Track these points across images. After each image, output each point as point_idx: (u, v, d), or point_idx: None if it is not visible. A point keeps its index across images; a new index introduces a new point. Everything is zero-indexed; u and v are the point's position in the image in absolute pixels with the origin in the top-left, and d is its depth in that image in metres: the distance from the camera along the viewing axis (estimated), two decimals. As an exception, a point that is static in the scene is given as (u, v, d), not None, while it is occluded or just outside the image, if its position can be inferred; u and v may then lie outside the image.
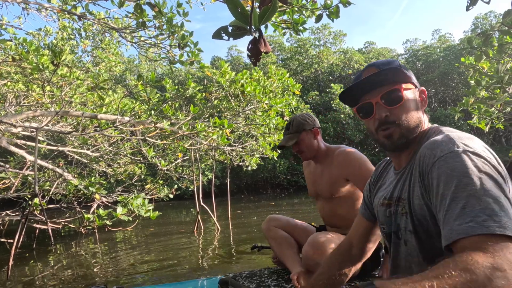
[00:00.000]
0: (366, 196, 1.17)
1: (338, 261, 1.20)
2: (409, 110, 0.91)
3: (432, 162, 0.74)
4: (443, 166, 0.71)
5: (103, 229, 3.86)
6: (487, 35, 2.55)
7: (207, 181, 11.68)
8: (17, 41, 4.09)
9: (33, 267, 4.44)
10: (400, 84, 0.91)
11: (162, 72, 25.03)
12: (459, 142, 0.75)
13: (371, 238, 1.18)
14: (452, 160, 0.71)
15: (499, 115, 3.54)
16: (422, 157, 0.78)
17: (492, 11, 24.10)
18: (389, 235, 0.97)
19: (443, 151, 0.74)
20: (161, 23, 3.67)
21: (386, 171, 1.09)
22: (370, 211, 1.15)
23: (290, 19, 2.87)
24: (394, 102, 0.90)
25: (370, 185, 1.16)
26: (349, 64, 22.61)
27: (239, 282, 1.81)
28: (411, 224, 0.83)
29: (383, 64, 0.96)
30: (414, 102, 0.93)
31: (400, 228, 0.89)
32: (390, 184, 0.99)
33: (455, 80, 21.51)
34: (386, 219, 0.97)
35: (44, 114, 4.35)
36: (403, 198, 0.87)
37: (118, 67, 7.32)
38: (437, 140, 0.78)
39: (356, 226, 1.21)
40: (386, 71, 0.90)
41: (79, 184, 4.97)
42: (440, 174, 0.71)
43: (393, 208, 0.93)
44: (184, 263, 4.22)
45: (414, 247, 0.84)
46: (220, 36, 0.76)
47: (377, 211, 1.05)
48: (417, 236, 0.82)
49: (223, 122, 4.75)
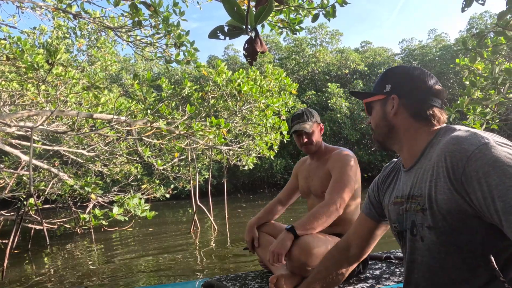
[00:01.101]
0: (372, 196, 1.17)
1: (336, 261, 1.20)
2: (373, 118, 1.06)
3: (466, 156, 0.75)
4: (482, 158, 0.72)
5: (99, 229, 3.84)
6: (481, 36, 2.57)
7: (203, 180, 11.65)
8: (12, 40, 4.06)
9: (28, 268, 4.41)
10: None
11: (158, 71, 24.94)
12: (484, 134, 0.78)
13: (372, 238, 1.19)
14: (489, 151, 0.72)
15: (494, 116, 3.57)
16: (448, 153, 0.79)
17: (487, 11, 24.28)
18: (401, 233, 0.98)
19: (474, 144, 0.75)
20: (157, 22, 3.65)
21: (395, 171, 1.10)
22: (376, 211, 1.15)
23: (286, 18, 2.87)
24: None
25: (377, 184, 1.16)
26: (345, 64, 22.67)
27: (224, 284, 1.79)
28: (431, 220, 0.84)
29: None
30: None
31: (416, 225, 0.89)
32: (401, 182, 1.01)
33: (451, 80, 21.64)
34: (399, 217, 0.98)
35: (39, 113, 4.31)
36: (417, 195, 0.88)
37: (114, 66, 7.28)
38: (461, 136, 0.80)
39: (358, 226, 1.21)
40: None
41: (75, 184, 4.94)
42: (482, 166, 0.72)
43: (405, 206, 0.94)
44: (180, 263, 4.21)
45: (433, 242, 0.85)
46: (216, 36, 0.76)
47: (388, 210, 1.05)
48: (437, 232, 0.83)
49: (220, 122, 4.75)
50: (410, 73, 0.99)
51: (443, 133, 0.91)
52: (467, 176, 0.74)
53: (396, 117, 0.98)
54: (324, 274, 1.20)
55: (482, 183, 0.71)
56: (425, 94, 0.96)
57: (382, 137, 1.03)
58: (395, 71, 1.03)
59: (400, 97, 0.98)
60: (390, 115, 0.99)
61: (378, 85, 1.04)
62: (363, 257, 1.21)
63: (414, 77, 0.98)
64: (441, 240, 0.84)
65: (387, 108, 1.00)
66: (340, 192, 1.72)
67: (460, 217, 0.79)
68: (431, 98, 0.96)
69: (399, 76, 1.01)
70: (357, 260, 1.21)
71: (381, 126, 1.02)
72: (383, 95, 1.01)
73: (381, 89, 1.02)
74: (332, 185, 1.77)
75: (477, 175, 0.72)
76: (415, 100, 0.96)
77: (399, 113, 0.98)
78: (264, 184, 19.15)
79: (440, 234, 0.83)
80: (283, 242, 1.63)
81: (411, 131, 0.97)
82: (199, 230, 6.69)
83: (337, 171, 1.79)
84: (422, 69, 1.00)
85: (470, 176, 0.74)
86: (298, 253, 1.61)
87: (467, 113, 3.47)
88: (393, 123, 0.99)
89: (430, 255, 0.87)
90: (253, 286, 1.82)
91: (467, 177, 0.74)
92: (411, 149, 0.97)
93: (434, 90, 0.96)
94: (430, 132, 0.95)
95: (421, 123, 0.96)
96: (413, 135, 0.96)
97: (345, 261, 1.21)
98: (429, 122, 0.95)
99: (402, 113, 0.98)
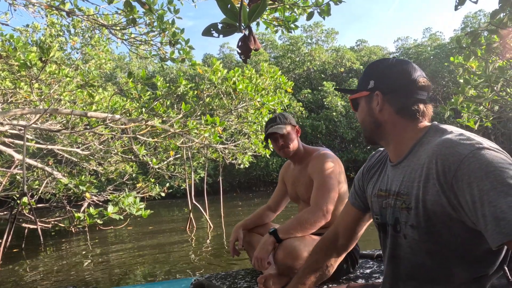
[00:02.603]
0: (357, 186, 1.17)
1: (325, 253, 1.20)
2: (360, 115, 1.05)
3: (459, 160, 0.75)
4: (475, 162, 0.72)
5: (94, 228, 3.83)
6: (475, 34, 2.59)
7: (199, 179, 11.63)
8: (4, 37, 4.01)
9: (22, 267, 4.38)
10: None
11: (153, 69, 24.81)
12: (478, 139, 0.78)
13: (358, 228, 1.18)
14: (482, 156, 0.72)
15: (488, 113, 3.60)
16: (441, 155, 0.79)
17: (481, 10, 24.45)
18: (383, 226, 0.99)
19: (468, 148, 0.75)
20: (152, 20, 3.63)
21: (381, 162, 1.10)
22: (361, 200, 1.15)
23: (281, 16, 2.87)
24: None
25: (362, 174, 1.16)
26: (341, 62, 22.72)
27: (214, 283, 1.78)
28: (415, 219, 0.85)
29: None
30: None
31: (399, 222, 0.90)
32: (386, 175, 1.01)
33: (446, 78, 21.78)
34: (381, 210, 0.99)
35: (32, 112, 4.27)
36: (404, 193, 0.89)
37: (108, 65, 7.23)
38: (454, 139, 0.79)
39: (344, 215, 1.21)
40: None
41: (69, 183, 4.91)
42: (474, 170, 0.72)
43: (390, 201, 0.94)
44: (174, 261, 4.20)
45: (415, 241, 0.86)
46: (210, 33, 0.76)
47: (371, 201, 1.05)
48: (420, 231, 0.84)
49: (215, 120, 4.74)
50: (393, 67, 0.97)
51: (433, 132, 0.90)
52: (458, 179, 0.74)
53: (381, 113, 0.97)
54: (314, 267, 1.19)
55: (473, 187, 0.71)
56: (409, 88, 0.93)
57: (369, 133, 1.03)
58: (377, 66, 1.00)
59: (384, 93, 0.96)
60: (376, 111, 0.98)
61: (362, 81, 1.02)
62: (351, 246, 1.21)
63: (397, 71, 0.95)
64: (423, 239, 0.85)
65: (372, 104, 0.98)
66: (325, 198, 1.67)
67: (443, 219, 0.80)
68: (416, 92, 0.93)
69: (381, 71, 0.98)
70: (345, 250, 1.21)
71: (367, 122, 1.02)
72: (367, 91, 0.99)
73: (365, 85, 1.00)
74: (315, 191, 1.72)
75: (469, 179, 0.72)
76: (399, 95, 0.94)
77: (384, 109, 0.96)
78: (260, 183, 19.17)
79: (422, 234, 0.84)
80: (264, 247, 1.62)
81: (398, 128, 0.96)
82: (194, 229, 6.68)
83: (317, 176, 1.75)
84: (405, 61, 0.98)
85: (461, 179, 0.74)
86: (284, 256, 1.59)
87: (461, 111, 3.50)
88: (379, 119, 0.98)
89: (412, 252, 0.89)
90: (242, 285, 1.82)
91: (457, 180, 0.74)
92: (399, 146, 0.96)
93: (418, 83, 0.93)
94: (418, 129, 0.94)
95: (407, 119, 0.94)
96: (400, 132, 0.95)
97: (334, 251, 1.20)
98: (415, 118, 0.94)
99: (387, 109, 0.96)
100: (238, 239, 1.96)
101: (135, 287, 2.04)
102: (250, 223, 2.06)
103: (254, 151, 6.65)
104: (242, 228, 2.02)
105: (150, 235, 6.35)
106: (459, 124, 3.29)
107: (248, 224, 2.05)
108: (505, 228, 0.65)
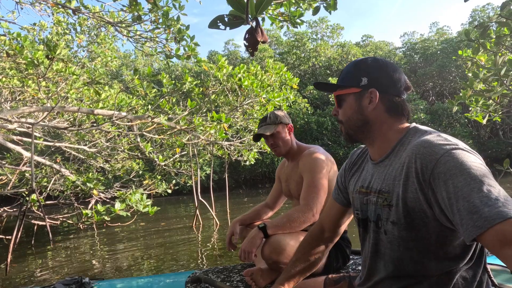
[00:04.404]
0: (340, 182, 1.21)
1: (312, 245, 1.25)
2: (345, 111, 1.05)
3: (436, 159, 0.80)
4: (450, 161, 0.77)
5: (102, 224, 3.86)
6: (485, 27, 2.54)
7: (205, 176, 11.68)
8: (11, 36, 4.04)
9: (31, 263, 4.44)
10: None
11: (159, 67, 24.90)
12: (454, 140, 0.84)
13: (342, 221, 1.24)
14: (457, 156, 0.78)
15: (497, 107, 3.55)
16: (419, 154, 0.83)
17: (490, 3, 24.06)
18: (363, 221, 1.04)
19: (444, 148, 0.80)
20: (157, 17, 3.63)
21: (362, 159, 1.13)
22: (343, 196, 1.19)
23: (287, 11, 2.85)
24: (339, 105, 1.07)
25: (345, 170, 1.20)
26: (346, 58, 22.56)
27: (209, 277, 1.81)
28: (396, 216, 0.90)
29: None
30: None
31: (381, 219, 0.95)
32: (368, 173, 1.05)
33: (453, 73, 21.51)
34: (363, 206, 1.03)
35: (40, 109, 4.32)
36: (385, 191, 0.93)
37: (114, 62, 7.26)
38: (432, 140, 0.84)
39: (328, 210, 1.26)
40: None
41: (77, 180, 4.95)
42: (450, 168, 0.77)
43: (371, 198, 0.99)
44: (180, 257, 4.23)
45: (395, 236, 0.92)
46: (216, 25, 0.75)
47: (353, 197, 1.09)
48: (399, 227, 0.90)
49: (221, 117, 4.74)
50: (383, 65, 0.99)
51: (413, 133, 0.95)
52: (435, 177, 0.79)
53: (373, 111, 0.98)
54: (303, 259, 1.24)
55: (449, 184, 0.75)
56: (399, 87, 0.97)
57: (354, 131, 1.03)
58: (367, 63, 1.01)
59: (379, 92, 0.97)
60: (368, 109, 0.99)
61: (351, 77, 1.02)
62: (336, 238, 1.27)
63: (388, 70, 0.98)
64: (401, 235, 0.90)
65: (364, 102, 0.99)
66: (314, 197, 1.69)
67: (420, 216, 0.85)
68: (403, 92, 0.98)
69: (375, 69, 0.99)
70: (331, 242, 1.26)
71: (354, 120, 1.01)
72: (358, 88, 1.00)
73: (356, 82, 1.00)
74: (305, 189, 1.74)
75: (445, 176, 0.77)
76: (391, 93, 0.97)
77: (376, 107, 0.98)
78: (266, 179, 19.18)
79: (401, 230, 0.90)
80: (253, 240, 1.65)
81: (384, 127, 0.99)
82: (201, 225, 6.71)
83: (307, 174, 1.77)
84: (389, 61, 1.02)
85: (438, 177, 0.78)
86: (269, 252, 1.62)
87: (470, 105, 3.45)
88: (369, 117, 0.99)
89: (392, 247, 0.94)
90: (235, 278, 1.87)
91: (434, 178, 0.79)
92: (382, 145, 1.00)
93: (406, 84, 0.98)
94: (400, 129, 0.98)
95: (395, 118, 0.98)
96: (386, 131, 0.99)
97: (321, 243, 1.25)
98: (401, 117, 0.98)
99: (379, 108, 0.98)
100: (234, 233, 1.99)
101: (134, 279, 2.08)
102: (247, 219, 2.10)
103: (260, 148, 6.65)
104: (239, 223, 2.06)
105: (157, 232, 6.40)
106: (467, 118, 3.22)
107: (245, 220, 2.09)
108: (478, 222, 0.68)
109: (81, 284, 1.82)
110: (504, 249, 0.65)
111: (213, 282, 1.70)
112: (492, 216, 0.67)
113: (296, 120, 17.89)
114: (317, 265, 1.25)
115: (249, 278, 1.69)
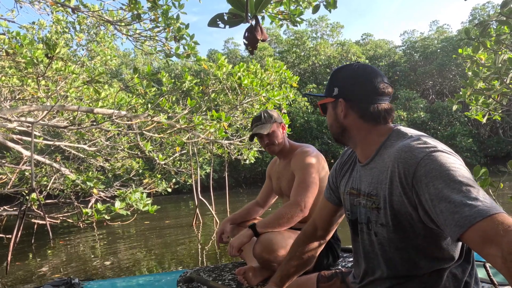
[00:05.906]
0: (331, 181, 1.23)
1: (305, 244, 1.28)
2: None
3: (416, 162, 0.82)
4: (429, 164, 0.80)
5: (102, 223, 3.86)
6: (485, 25, 2.54)
7: (205, 175, 11.67)
8: (10, 34, 4.03)
9: (31, 262, 4.44)
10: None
11: (158, 66, 24.84)
12: (433, 143, 0.86)
13: (334, 220, 1.27)
14: (436, 158, 0.80)
15: (496, 106, 3.54)
16: (401, 159, 0.86)
17: (490, 1, 24.01)
18: (354, 222, 1.07)
19: (423, 151, 0.83)
20: (157, 15, 3.62)
21: (352, 159, 1.16)
22: (335, 195, 1.21)
23: (287, 10, 2.84)
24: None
25: (336, 170, 1.22)
26: (346, 57, 22.52)
27: (201, 277, 1.82)
28: (384, 219, 0.93)
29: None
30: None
31: (371, 221, 0.99)
32: (357, 174, 1.08)
33: (453, 72, 21.47)
34: (353, 207, 1.07)
35: (39, 108, 4.31)
36: (373, 194, 0.96)
37: (114, 61, 7.24)
38: (411, 144, 0.87)
39: (320, 209, 1.29)
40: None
41: (77, 179, 4.95)
42: (430, 171, 0.79)
43: (361, 201, 1.02)
44: (180, 255, 4.23)
45: (384, 238, 0.95)
46: (216, 24, 0.75)
47: (344, 198, 1.13)
48: (388, 229, 0.93)
49: (221, 115, 4.73)
50: (355, 75, 1.02)
51: (395, 136, 0.97)
52: (417, 180, 0.81)
53: (346, 119, 1.03)
54: (297, 257, 1.26)
55: (430, 187, 0.77)
56: (370, 94, 0.99)
57: (337, 136, 1.09)
58: (341, 73, 1.06)
59: (347, 101, 1.02)
60: (341, 117, 1.04)
61: (328, 88, 1.08)
62: (329, 236, 1.31)
63: (359, 78, 1.01)
64: (390, 237, 0.94)
65: (338, 110, 1.05)
66: (303, 193, 1.72)
67: (407, 218, 0.88)
68: (376, 98, 0.99)
69: (344, 79, 1.03)
70: (324, 240, 1.30)
71: (334, 127, 1.08)
72: (332, 98, 1.06)
73: (330, 92, 1.06)
74: (295, 186, 1.77)
75: (426, 179, 0.79)
76: (361, 102, 1.00)
77: (348, 115, 1.03)
78: (266, 178, 19.16)
79: (390, 232, 0.93)
80: (241, 238, 1.70)
81: (363, 132, 1.02)
82: (201, 224, 6.72)
83: (299, 172, 1.79)
84: (368, 66, 1.03)
85: (420, 180, 0.80)
86: (260, 250, 1.64)
87: (470, 104, 3.45)
88: (345, 124, 1.04)
89: (383, 248, 0.97)
90: (227, 277, 1.89)
91: (417, 181, 0.81)
92: (365, 149, 1.03)
93: (379, 89, 0.99)
94: (381, 133, 1.00)
95: (371, 123, 1.01)
96: (365, 136, 1.02)
97: (314, 241, 1.29)
98: (378, 122, 1.00)
99: (351, 115, 1.02)
100: (224, 232, 2.03)
101: (124, 279, 2.09)
102: (238, 218, 2.13)
103: (260, 147, 6.64)
104: (230, 222, 2.09)
105: (157, 230, 6.40)
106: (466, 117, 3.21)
107: (236, 219, 2.12)
108: (459, 221, 0.70)
109: (71, 285, 1.82)
110: (485, 247, 0.67)
111: (205, 281, 1.71)
112: (472, 215, 0.69)
113: (296, 118, 17.87)
114: (310, 263, 1.28)
115: (241, 277, 1.71)
